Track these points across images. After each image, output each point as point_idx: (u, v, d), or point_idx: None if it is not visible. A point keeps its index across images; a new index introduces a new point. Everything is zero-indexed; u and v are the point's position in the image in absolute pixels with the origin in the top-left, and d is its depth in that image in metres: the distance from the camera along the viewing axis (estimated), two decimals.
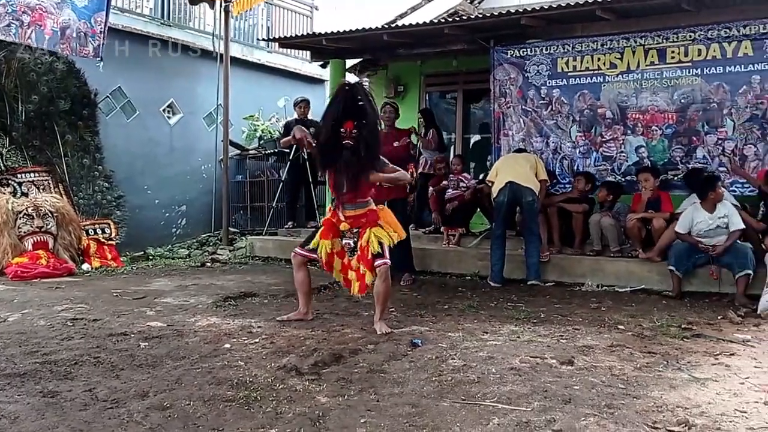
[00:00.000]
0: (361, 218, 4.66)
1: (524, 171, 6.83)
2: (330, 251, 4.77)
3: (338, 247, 4.80)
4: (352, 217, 4.67)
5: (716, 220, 5.94)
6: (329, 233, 4.76)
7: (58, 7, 7.53)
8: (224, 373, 3.57)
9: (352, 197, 4.64)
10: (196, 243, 10.50)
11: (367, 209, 4.68)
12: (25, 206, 7.69)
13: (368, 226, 4.64)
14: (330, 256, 4.79)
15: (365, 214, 4.66)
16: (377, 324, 4.66)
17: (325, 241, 4.76)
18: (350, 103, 4.47)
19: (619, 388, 3.36)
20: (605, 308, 5.61)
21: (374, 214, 4.68)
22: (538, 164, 7.00)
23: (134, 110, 10.15)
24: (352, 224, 4.68)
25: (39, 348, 4.09)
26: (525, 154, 7.28)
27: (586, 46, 7.36)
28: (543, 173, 6.96)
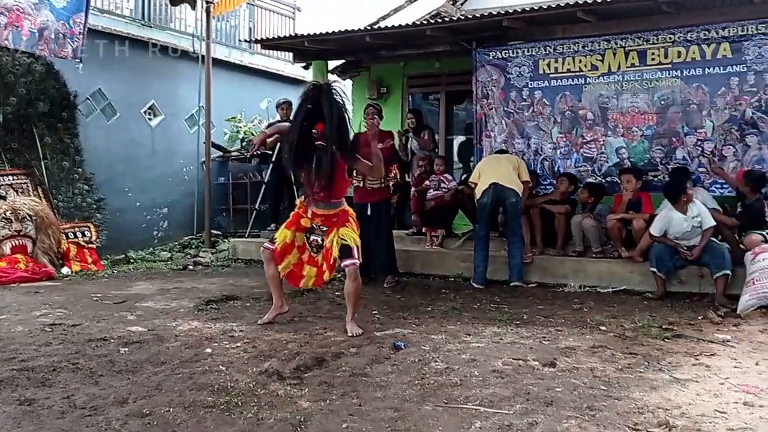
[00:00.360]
0: (332, 218, 4.70)
1: (507, 172, 6.84)
2: (290, 241, 4.79)
3: (300, 241, 4.84)
4: (323, 216, 4.71)
5: (690, 221, 5.98)
6: (293, 225, 4.81)
7: (36, 8, 7.43)
8: (205, 379, 3.54)
9: (326, 197, 4.65)
10: (178, 246, 10.41)
11: (339, 209, 4.73)
12: (3, 210, 7.58)
13: (337, 226, 4.69)
14: (287, 246, 4.79)
15: (337, 214, 4.71)
16: (348, 325, 4.69)
17: (286, 231, 4.81)
18: (320, 103, 4.42)
19: (601, 389, 3.37)
20: (587, 309, 5.64)
21: (345, 215, 4.74)
22: (521, 165, 7.01)
23: (115, 112, 10.04)
24: (323, 222, 4.73)
25: (16, 354, 4.03)
26: (507, 155, 7.29)
27: (568, 48, 7.40)
28: (525, 174, 6.97)
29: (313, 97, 4.48)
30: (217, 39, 11.22)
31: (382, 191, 6.96)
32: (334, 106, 4.42)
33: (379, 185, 6.91)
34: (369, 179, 6.89)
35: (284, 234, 4.81)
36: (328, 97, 4.43)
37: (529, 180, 7.04)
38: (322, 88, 4.50)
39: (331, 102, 4.42)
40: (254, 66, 12.32)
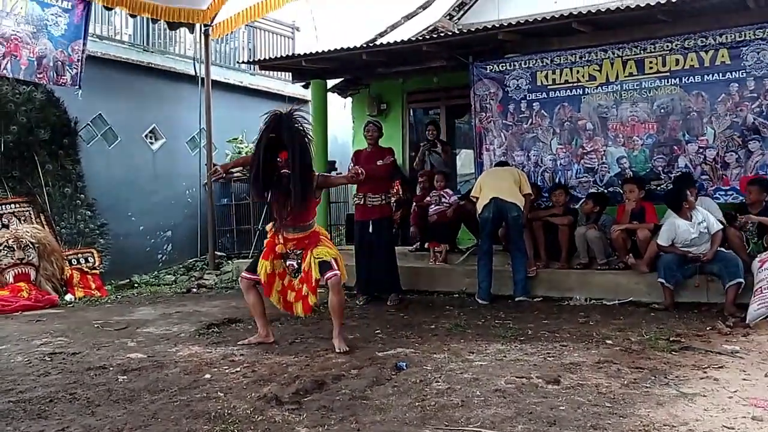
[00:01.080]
0: (305, 240, 4.74)
1: (508, 186, 6.79)
2: (270, 271, 4.83)
3: (280, 268, 4.87)
4: (295, 240, 4.74)
5: (697, 227, 5.91)
6: (270, 254, 4.84)
7: (34, 36, 7.47)
8: (202, 406, 3.48)
9: (294, 221, 4.68)
10: (183, 268, 10.40)
11: (310, 231, 4.77)
12: (6, 238, 7.61)
13: (310, 247, 4.72)
14: (270, 277, 4.85)
15: (308, 236, 4.75)
16: (335, 340, 4.70)
17: (265, 262, 4.84)
18: (284, 133, 4.47)
19: (606, 407, 3.30)
20: (593, 322, 5.56)
21: (317, 235, 4.80)
22: (522, 178, 6.94)
23: (116, 137, 10.07)
24: (296, 246, 4.75)
25: (14, 386, 3.99)
26: (509, 168, 7.23)
27: (565, 59, 7.38)
28: (527, 187, 6.90)
29: (275, 126, 4.52)
30: (216, 61, 11.27)
31: (383, 208, 6.93)
32: (296, 134, 4.48)
33: (380, 202, 6.88)
34: (369, 196, 6.86)
35: (264, 265, 4.83)
36: (289, 125, 4.47)
37: (531, 192, 6.97)
38: (283, 117, 4.52)
39: (293, 130, 4.47)
40: (254, 87, 12.36)
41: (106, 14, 9.97)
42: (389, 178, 7.18)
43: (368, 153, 7.02)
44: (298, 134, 4.49)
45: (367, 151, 7.05)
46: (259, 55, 12.28)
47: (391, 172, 7.10)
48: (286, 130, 4.46)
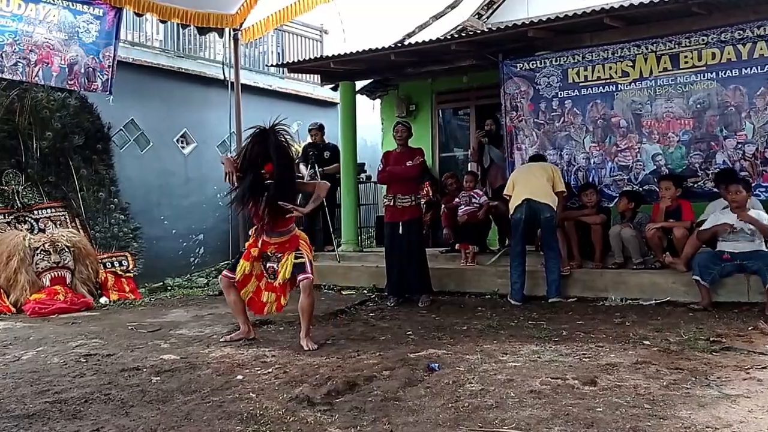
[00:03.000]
0: (285, 244, 4.98)
1: (541, 185, 6.67)
2: (249, 272, 5.07)
3: (258, 270, 5.11)
4: (277, 244, 4.98)
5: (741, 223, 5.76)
6: (249, 257, 5.06)
7: (66, 44, 7.59)
8: (234, 407, 3.48)
9: (275, 226, 4.92)
10: (215, 271, 10.44)
11: (290, 235, 5.01)
12: (42, 242, 7.71)
13: (289, 250, 4.96)
14: (246, 277, 5.09)
15: (288, 240, 4.99)
16: (303, 341, 4.89)
17: (245, 263, 5.06)
18: (268, 146, 4.75)
19: (645, 408, 3.20)
20: (629, 323, 5.44)
21: (296, 239, 5.03)
22: (555, 175, 6.79)
23: (148, 142, 10.20)
24: (277, 249, 4.99)
25: (50, 387, 4.03)
26: (542, 164, 7.03)
27: (597, 56, 7.25)
28: (560, 185, 6.78)
29: (260, 140, 4.79)
30: (245, 65, 11.34)
31: (413, 209, 6.88)
32: (280, 148, 4.79)
33: (410, 203, 6.84)
34: (399, 197, 6.82)
35: (243, 266, 5.06)
36: (274, 139, 4.76)
37: (564, 190, 6.84)
38: (268, 131, 4.80)
39: (278, 145, 4.77)
40: (283, 90, 12.41)
41: (137, 21, 10.10)
42: (418, 179, 7.13)
43: (398, 154, 6.99)
44: (282, 148, 4.80)
45: (397, 152, 7.02)
46: (288, 58, 12.34)
47: (420, 172, 7.05)
48: (271, 144, 4.75)
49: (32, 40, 7.35)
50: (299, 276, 4.89)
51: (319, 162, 9.04)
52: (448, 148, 10.47)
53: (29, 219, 8.31)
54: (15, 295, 7.37)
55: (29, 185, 8.44)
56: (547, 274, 6.67)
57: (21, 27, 7.30)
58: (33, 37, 7.38)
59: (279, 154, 4.77)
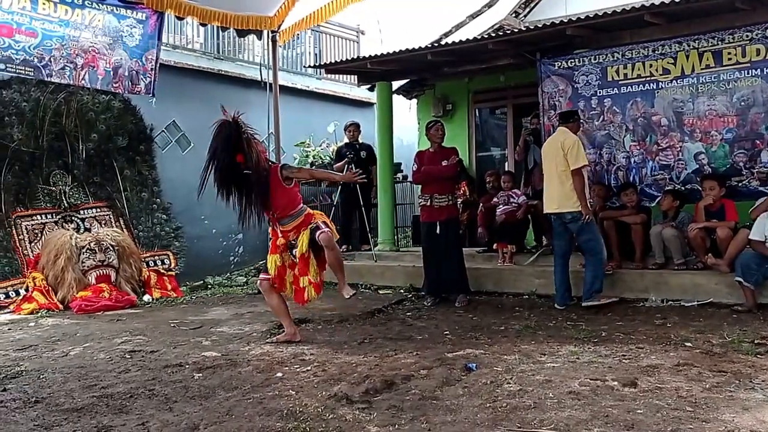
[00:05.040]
0: (300, 226, 4.96)
1: (555, 189, 6.26)
2: (281, 264, 5.05)
3: (288, 259, 5.07)
4: (293, 228, 4.97)
5: None
6: (276, 249, 5.06)
7: (111, 48, 7.78)
8: (275, 404, 3.54)
9: (283, 212, 4.96)
10: (254, 270, 10.60)
11: (302, 216, 4.99)
12: (88, 241, 7.93)
13: (304, 228, 4.93)
14: (281, 269, 5.07)
15: (302, 221, 4.97)
16: (343, 291, 4.94)
17: (273, 256, 5.07)
18: (235, 137, 4.77)
19: (687, 411, 3.17)
20: (671, 324, 5.37)
21: (309, 217, 5.01)
22: (569, 151, 6.08)
23: (189, 143, 10.38)
24: (296, 233, 4.96)
25: (97, 382, 4.16)
26: (551, 151, 6.30)
27: (637, 53, 7.14)
28: (574, 160, 6.05)
29: (227, 131, 4.81)
30: (283, 67, 11.46)
31: (450, 209, 6.88)
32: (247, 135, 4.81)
33: (446, 203, 6.84)
34: (436, 197, 6.82)
35: (273, 259, 5.07)
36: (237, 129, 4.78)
37: (579, 166, 6.07)
38: (231, 122, 4.80)
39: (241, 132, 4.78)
40: (321, 91, 12.51)
41: (178, 24, 10.30)
42: (455, 178, 7.11)
43: (431, 153, 6.99)
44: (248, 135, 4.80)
45: (431, 152, 7.02)
46: (325, 59, 12.43)
47: (456, 172, 7.03)
48: (238, 135, 4.77)
49: (79, 44, 7.56)
50: (316, 234, 4.83)
51: (356, 163, 9.06)
52: (484, 147, 10.42)
53: (76, 218, 8.55)
54: (62, 292, 7.60)
55: (76, 186, 8.68)
56: (585, 276, 6.40)
57: (68, 32, 7.51)
58: (79, 41, 7.59)
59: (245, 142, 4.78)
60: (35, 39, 7.26)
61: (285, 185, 4.95)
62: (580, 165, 6.10)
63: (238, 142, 4.77)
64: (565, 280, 6.44)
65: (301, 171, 5.53)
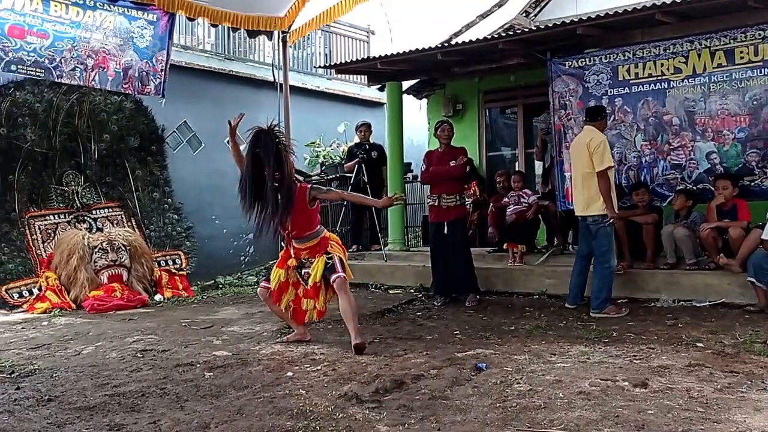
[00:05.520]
0: (315, 248, 4.90)
1: (581, 191, 6.15)
2: (285, 280, 5.02)
3: (294, 278, 5.02)
4: (307, 249, 4.91)
5: None
6: (284, 264, 5.01)
7: (121, 49, 7.83)
8: (285, 403, 3.55)
9: (300, 232, 4.86)
10: (265, 270, 10.63)
11: (319, 238, 4.92)
12: (100, 241, 7.99)
13: (320, 253, 4.88)
14: (283, 285, 5.03)
15: (318, 244, 4.91)
16: (356, 340, 4.69)
17: (279, 271, 5.03)
18: (268, 147, 4.62)
19: (698, 411, 3.15)
20: (682, 325, 5.34)
21: (326, 241, 4.93)
22: (595, 152, 5.91)
23: (200, 143, 10.44)
24: (309, 254, 4.92)
25: (109, 380, 4.20)
26: (583, 141, 6.11)
27: (648, 52, 7.10)
28: (599, 162, 5.87)
29: (256, 142, 4.68)
30: (294, 67, 11.50)
31: (458, 209, 6.87)
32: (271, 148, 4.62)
33: (454, 203, 6.82)
34: (444, 197, 6.81)
35: (278, 273, 5.02)
36: (266, 141, 4.64)
37: (604, 168, 5.88)
38: (261, 133, 4.68)
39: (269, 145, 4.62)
40: (331, 91, 12.55)
41: (189, 25, 10.36)
42: (463, 178, 7.09)
43: (440, 153, 6.98)
44: (274, 149, 4.63)
45: (440, 152, 7.01)
46: (335, 59, 12.46)
47: (463, 172, 7.01)
48: (262, 146, 4.64)
49: (89, 45, 7.60)
50: (331, 277, 4.79)
51: (367, 163, 9.08)
52: (495, 147, 10.41)
53: (88, 218, 8.62)
54: (75, 291, 7.67)
55: (88, 186, 8.76)
56: (593, 285, 6.16)
57: (79, 33, 7.56)
58: (90, 42, 7.63)
59: (269, 155, 4.63)
60: (46, 40, 7.31)
61: (309, 206, 4.84)
62: (605, 167, 5.89)
63: (271, 152, 4.63)
64: (581, 282, 6.35)
65: (331, 193, 5.31)
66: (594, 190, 5.97)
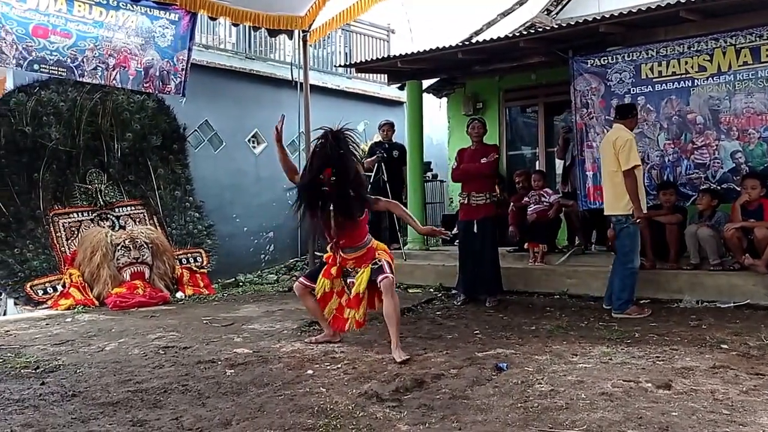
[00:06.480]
0: (363, 257, 4.76)
1: (608, 190, 6.11)
2: (329, 290, 4.93)
3: (339, 286, 4.93)
4: (354, 258, 4.78)
5: None
6: (329, 274, 4.90)
7: (142, 48, 7.90)
8: (306, 401, 3.56)
9: (349, 242, 4.72)
10: (284, 268, 10.72)
11: (367, 249, 4.77)
12: (123, 238, 8.08)
13: (367, 262, 4.74)
14: (327, 294, 4.94)
15: (365, 253, 4.77)
16: (395, 352, 4.50)
17: (325, 280, 4.92)
18: (329, 150, 4.39)
19: (723, 414, 3.11)
20: (706, 326, 5.27)
21: (372, 251, 4.78)
22: (620, 156, 5.83)
23: (221, 142, 10.51)
24: (356, 264, 4.79)
25: (132, 377, 4.24)
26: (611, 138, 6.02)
27: (672, 50, 7.02)
28: (625, 160, 5.78)
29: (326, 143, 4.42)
30: (314, 66, 11.54)
31: (488, 207, 6.80)
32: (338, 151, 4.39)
33: (484, 201, 6.77)
34: (474, 195, 6.78)
35: (323, 283, 4.92)
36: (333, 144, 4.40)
37: (629, 167, 5.80)
38: (334, 134, 4.43)
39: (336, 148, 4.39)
40: (351, 90, 12.56)
41: (210, 25, 10.43)
42: (493, 176, 7.05)
43: (472, 151, 6.95)
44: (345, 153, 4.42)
45: (471, 149, 6.97)
46: (356, 58, 12.47)
47: (494, 170, 6.97)
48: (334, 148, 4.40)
49: (111, 45, 7.68)
50: (378, 277, 4.61)
51: (388, 162, 9.09)
52: (515, 146, 10.35)
53: (111, 216, 8.72)
54: (98, 288, 7.76)
55: (111, 184, 8.85)
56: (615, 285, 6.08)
57: (102, 33, 7.64)
58: (112, 42, 7.71)
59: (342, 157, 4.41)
60: (69, 40, 7.40)
61: (357, 216, 4.63)
62: (631, 166, 5.79)
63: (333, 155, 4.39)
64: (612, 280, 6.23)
65: (379, 203, 4.92)
66: (619, 189, 5.91)
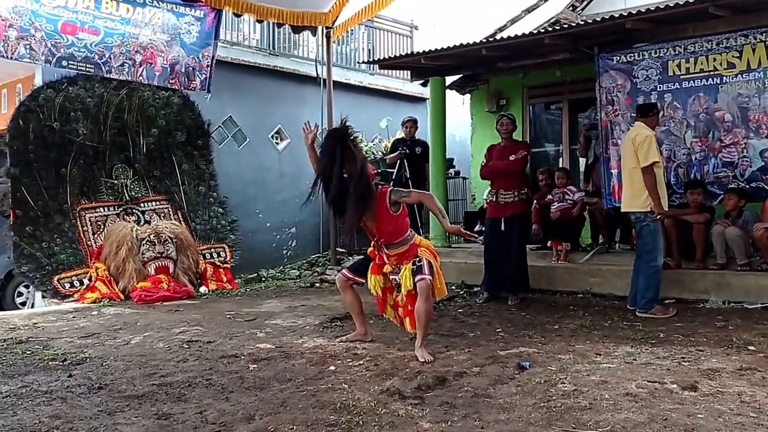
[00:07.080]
0: (405, 254, 4.64)
1: (627, 187, 6.06)
2: (383, 286, 4.83)
3: (388, 283, 4.83)
4: (396, 255, 4.66)
5: None
6: (379, 270, 4.81)
7: (168, 44, 7.99)
8: (328, 396, 3.58)
9: (388, 238, 4.65)
10: (306, 264, 10.77)
11: (409, 245, 4.65)
12: (148, 233, 8.17)
13: (409, 259, 4.61)
14: (384, 291, 4.86)
15: (407, 250, 4.64)
16: (418, 351, 4.48)
17: (376, 277, 4.82)
18: (344, 146, 4.42)
19: (750, 417, 3.07)
20: (733, 327, 5.20)
21: (414, 248, 4.65)
22: (639, 153, 5.78)
23: (245, 138, 10.58)
24: (398, 261, 4.67)
25: (157, 370, 4.29)
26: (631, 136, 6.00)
27: (700, 47, 6.90)
28: (644, 157, 5.73)
29: (340, 140, 4.46)
30: (337, 62, 11.56)
31: (516, 205, 6.74)
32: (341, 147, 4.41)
33: (512, 199, 6.72)
34: (502, 193, 6.73)
35: (376, 281, 4.83)
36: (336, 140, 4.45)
37: (647, 164, 5.74)
38: (343, 130, 4.49)
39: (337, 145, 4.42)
40: (373, 86, 12.57)
41: (235, 21, 10.51)
42: (522, 173, 6.99)
43: (501, 147, 6.90)
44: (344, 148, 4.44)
45: (501, 146, 6.92)
46: (379, 55, 12.47)
47: (523, 167, 6.91)
48: (346, 144, 4.45)
49: (138, 41, 7.78)
50: (416, 277, 4.52)
51: (410, 158, 9.09)
52: (538, 143, 10.28)
53: (136, 211, 8.82)
54: (123, 282, 7.86)
55: (136, 179, 8.96)
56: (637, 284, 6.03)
57: (128, 30, 7.74)
58: (139, 38, 7.82)
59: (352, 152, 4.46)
60: (97, 37, 7.50)
61: (392, 211, 4.58)
62: (649, 162, 5.73)
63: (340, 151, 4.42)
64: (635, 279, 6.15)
65: (411, 195, 4.81)
66: (637, 186, 5.85)
